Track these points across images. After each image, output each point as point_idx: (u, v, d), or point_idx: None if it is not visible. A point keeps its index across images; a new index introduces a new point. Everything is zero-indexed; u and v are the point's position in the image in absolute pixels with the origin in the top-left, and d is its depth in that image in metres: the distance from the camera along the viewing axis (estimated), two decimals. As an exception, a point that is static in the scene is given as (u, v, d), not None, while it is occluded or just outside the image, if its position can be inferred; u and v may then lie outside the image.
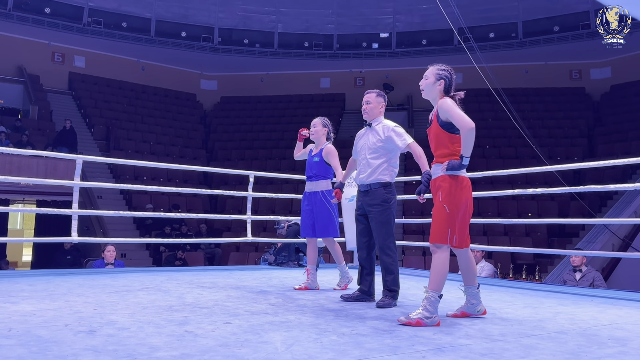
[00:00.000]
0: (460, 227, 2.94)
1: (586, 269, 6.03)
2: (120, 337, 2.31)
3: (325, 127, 4.45)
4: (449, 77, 3.11)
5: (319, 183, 4.32)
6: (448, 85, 3.10)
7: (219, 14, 18.48)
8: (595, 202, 12.41)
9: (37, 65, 16.77)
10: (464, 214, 2.96)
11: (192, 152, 16.76)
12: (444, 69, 3.13)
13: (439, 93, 3.09)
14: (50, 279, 4.33)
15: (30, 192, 12.73)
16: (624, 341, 2.50)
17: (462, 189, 2.94)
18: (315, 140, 4.47)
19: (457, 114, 2.93)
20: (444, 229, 2.89)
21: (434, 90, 3.11)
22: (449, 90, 3.10)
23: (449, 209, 2.90)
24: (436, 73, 3.11)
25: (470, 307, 3.07)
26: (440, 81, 3.09)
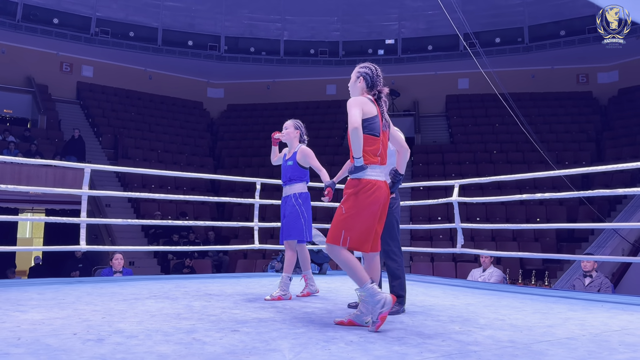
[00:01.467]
0: (359, 230, 2.86)
1: (596, 274, 5.98)
2: (128, 346, 2.31)
3: (297, 129, 4.32)
4: (369, 73, 3.07)
5: (293, 186, 4.22)
6: (370, 82, 3.06)
7: (225, 22, 18.60)
8: (604, 207, 12.32)
9: (46, 75, 16.94)
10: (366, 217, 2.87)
11: (199, 160, 16.82)
12: (365, 66, 3.12)
13: (361, 91, 3.07)
14: (59, 288, 4.34)
15: (39, 201, 12.83)
16: (635, 347, 2.47)
17: (365, 192, 2.87)
18: (287, 143, 4.35)
19: (350, 112, 2.89)
20: (338, 230, 2.87)
21: (355, 88, 3.10)
22: (373, 87, 3.05)
23: (345, 211, 2.88)
24: (357, 72, 3.11)
25: (358, 316, 2.90)
26: (360, 79, 3.08)
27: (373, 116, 2.95)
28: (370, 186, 2.89)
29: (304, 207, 4.17)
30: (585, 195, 5.27)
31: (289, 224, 4.15)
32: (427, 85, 18.82)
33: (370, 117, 2.94)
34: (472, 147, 16.29)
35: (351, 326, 2.87)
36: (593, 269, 5.98)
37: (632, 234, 10.74)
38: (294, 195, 4.19)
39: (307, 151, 4.21)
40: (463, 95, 18.69)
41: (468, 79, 18.42)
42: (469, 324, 3.03)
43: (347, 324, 2.89)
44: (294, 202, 4.17)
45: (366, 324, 2.86)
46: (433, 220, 12.67)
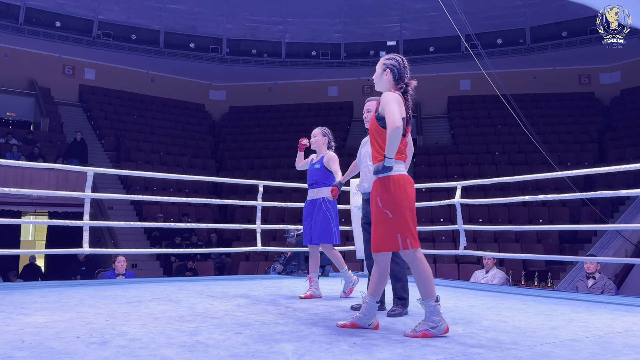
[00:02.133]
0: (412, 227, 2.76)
1: (599, 275, 5.97)
2: (132, 348, 2.32)
3: (325, 136, 4.49)
4: (396, 65, 2.91)
5: (321, 190, 4.34)
6: (397, 74, 2.91)
7: (227, 24, 18.63)
8: (607, 208, 12.29)
9: (48, 78, 16.98)
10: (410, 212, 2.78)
11: (201, 162, 16.84)
12: (392, 57, 2.95)
13: (389, 84, 2.92)
14: (62, 290, 4.35)
15: (41, 204, 12.85)
16: (639, 348, 2.46)
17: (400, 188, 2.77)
18: (316, 150, 4.53)
19: (390, 109, 2.75)
20: (393, 234, 2.73)
21: (382, 81, 2.94)
22: (400, 79, 2.92)
23: (392, 214, 2.74)
24: (382, 63, 2.94)
25: (361, 319, 2.87)
26: (387, 71, 2.92)
27: (403, 116, 2.86)
28: (404, 182, 2.80)
29: (333, 211, 4.31)
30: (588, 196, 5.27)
31: (321, 229, 4.27)
32: (429, 86, 18.78)
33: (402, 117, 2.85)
34: (475, 149, 16.27)
35: (354, 329, 2.87)
36: (596, 270, 5.97)
37: (635, 235, 10.70)
38: (323, 199, 4.32)
39: (332, 155, 4.38)
40: (465, 97, 18.67)
41: (470, 80, 18.41)
42: (472, 326, 3.03)
43: (349, 327, 2.88)
44: (324, 207, 4.30)
45: (369, 326, 2.86)
46: (435, 222, 12.65)
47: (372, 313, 2.86)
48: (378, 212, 2.80)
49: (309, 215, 4.36)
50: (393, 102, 2.78)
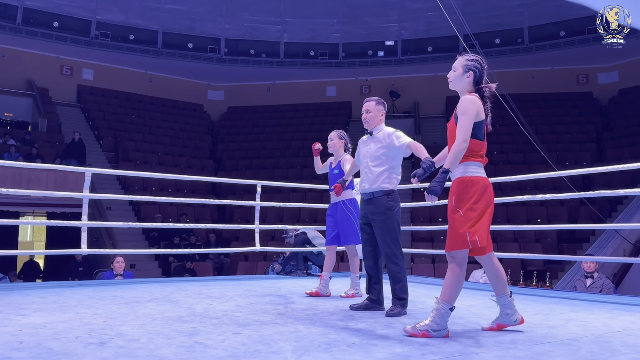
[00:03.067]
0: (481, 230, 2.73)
1: (597, 275, 5.98)
2: (130, 349, 2.31)
3: (341, 139, 4.60)
4: (479, 67, 2.86)
5: (342, 194, 4.42)
6: (478, 77, 2.86)
7: (225, 25, 18.62)
8: (605, 207, 12.31)
9: (46, 78, 16.96)
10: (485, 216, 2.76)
11: (199, 163, 16.83)
12: (473, 59, 2.88)
13: (468, 85, 2.87)
14: (60, 291, 4.35)
15: (40, 204, 12.83)
16: (637, 348, 2.47)
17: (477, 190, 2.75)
18: (334, 153, 4.62)
19: (464, 123, 2.74)
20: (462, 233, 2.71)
21: (462, 82, 2.88)
22: (479, 82, 2.86)
23: (463, 212, 2.72)
24: (464, 64, 2.87)
25: (505, 318, 2.88)
26: (469, 73, 2.85)
27: (482, 120, 2.81)
28: (484, 183, 2.79)
29: (355, 211, 4.38)
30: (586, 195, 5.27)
31: (346, 231, 4.37)
32: (427, 86, 18.80)
33: (481, 120, 2.81)
34: (473, 148, 16.25)
35: (500, 330, 2.88)
36: (595, 269, 5.98)
37: (633, 235, 10.72)
38: (343, 202, 4.42)
39: (347, 158, 4.48)
40: (463, 97, 18.66)
41: (468, 80, 18.39)
42: (470, 326, 3.03)
43: (497, 329, 2.88)
44: (345, 210, 4.39)
45: (514, 322, 2.88)
46: (434, 222, 12.67)
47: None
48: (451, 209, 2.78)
49: (333, 218, 4.47)
50: (468, 113, 2.75)
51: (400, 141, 3.62)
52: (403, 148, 3.61)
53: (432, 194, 2.75)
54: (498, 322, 2.90)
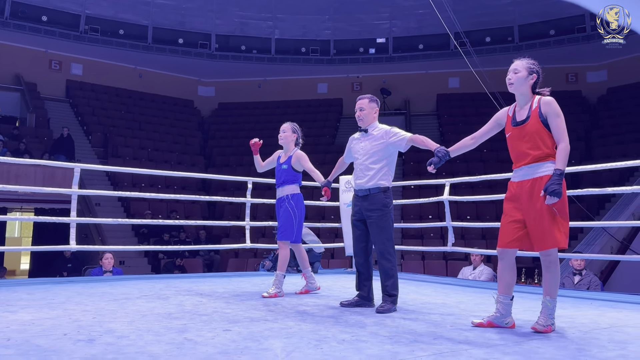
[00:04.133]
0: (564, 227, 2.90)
1: (585, 272, 6.04)
2: (119, 346, 2.30)
3: (294, 132, 4.38)
4: (539, 72, 2.99)
5: (284, 188, 4.29)
6: (538, 82, 2.99)
7: (216, 20, 18.53)
8: (593, 205, 12.41)
9: (35, 73, 16.78)
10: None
11: (190, 159, 16.75)
12: (534, 63, 3.00)
13: (529, 88, 2.97)
14: (49, 288, 4.31)
15: (28, 200, 12.71)
16: (624, 344, 2.50)
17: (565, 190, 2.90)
18: (284, 146, 4.40)
19: (563, 125, 2.87)
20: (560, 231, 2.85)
21: (525, 84, 2.96)
22: (536, 86, 2.99)
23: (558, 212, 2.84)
24: (528, 67, 2.96)
25: (498, 318, 2.94)
26: (533, 75, 2.96)
27: None
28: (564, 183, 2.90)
29: (297, 208, 4.23)
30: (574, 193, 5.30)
31: (282, 225, 4.22)
32: (418, 84, 18.85)
33: None
34: (463, 146, 16.33)
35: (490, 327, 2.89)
36: (583, 267, 6.03)
37: (620, 232, 10.83)
38: (286, 197, 4.26)
39: (301, 155, 4.29)
40: (454, 94, 18.73)
41: (459, 78, 18.48)
42: (460, 322, 3.05)
43: (486, 326, 2.92)
44: (287, 204, 4.23)
45: (506, 325, 2.91)
46: (424, 219, 12.71)
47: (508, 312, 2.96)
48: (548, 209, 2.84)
49: (278, 213, 4.33)
50: (561, 114, 2.88)
51: (399, 137, 3.62)
52: (403, 143, 3.60)
53: (555, 196, 2.78)
54: (490, 319, 2.94)
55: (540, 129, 2.88)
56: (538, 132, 2.88)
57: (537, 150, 2.88)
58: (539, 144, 2.88)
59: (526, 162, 2.90)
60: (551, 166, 2.85)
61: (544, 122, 2.87)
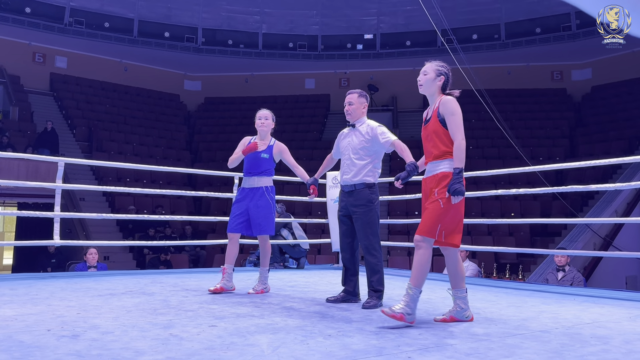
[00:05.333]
0: (450, 225, 2.93)
1: (569, 268, 6.11)
2: (104, 342, 2.29)
3: (274, 121, 4.27)
4: (447, 74, 3.10)
5: (262, 179, 4.11)
6: (446, 83, 3.09)
7: (203, 14, 18.39)
8: (577, 202, 12.57)
9: (18, 65, 16.53)
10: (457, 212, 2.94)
11: (176, 154, 16.65)
12: (443, 65, 3.12)
13: (438, 89, 3.09)
14: (32, 283, 4.26)
15: (11, 195, 12.55)
16: (606, 339, 2.53)
17: None
18: (261, 133, 4.20)
19: (458, 122, 2.96)
20: (435, 223, 2.89)
21: (433, 86, 3.09)
22: (446, 87, 3.10)
23: (443, 205, 2.88)
24: (436, 69, 3.09)
25: (459, 312, 2.99)
26: (441, 77, 3.08)
27: None
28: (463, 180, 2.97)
29: (272, 201, 4.12)
30: (558, 190, 5.37)
31: (263, 219, 4.05)
32: (405, 80, 18.85)
33: None
34: (449, 143, 16.44)
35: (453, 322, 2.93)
36: (566, 263, 6.10)
37: (603, 229, 10.98)
38: (266, 188, 4.10)
39: (283, 147, 4.22)
40: (440, 91, 18.82)
41: (445, 75, 18.54)
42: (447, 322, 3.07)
43: (449, 321, 2.95)
44: (267, 197, 4.08)
45: (466, 318, 2.96)
46: (410, 215, 12.77)
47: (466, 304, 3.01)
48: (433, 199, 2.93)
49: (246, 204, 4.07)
50: (458, 112, 2.97)
51: (384, 137, 3.62)
52: (387, 145, 3.61)
53: (458, 194, 2.87)
54: (452, 314, 3.00)
55: (438, 129, 3.01)
56: (436, 132, 3.01)
57: (436, 149, 3.01)
58: (437, 142, 3.00)
59: (429, 159, 3.06)
60: (447, 164, 2.95)
61: (441, 121, 2.99)
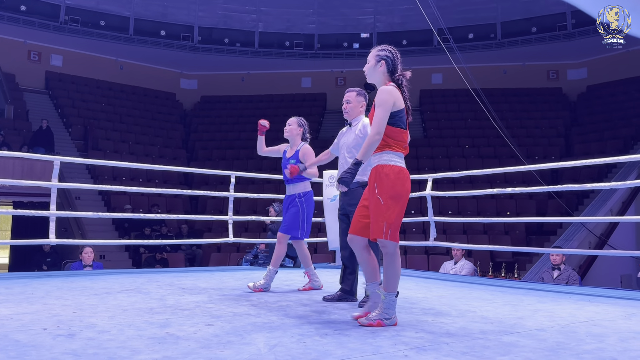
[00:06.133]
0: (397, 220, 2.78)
1: (564, 267, 6.13)
2: (100, 341, 2.28)
3: (300, 127, 4.31)
4: (390, 57, 2.88)
5: (297, 185, 4.24)
6: (392, 66, 2.88)
7: (199, 12, 18.35)
8: (572, 201, 12.61)
9: (13, 64, 16.44)
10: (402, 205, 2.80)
11: (172, 152, 16.61)
12: (384, 49, 2.91)
13: (383, 76, 2.88)
14: (28, 282, 4.25)
15: (6, 194, 12.49)
16: (601, 337, 2.54)
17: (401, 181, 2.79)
18: (289, 140, 4.34)
19: (379, 115, 2.75)
20: (380, 222, 2.74)
21: (375, 73, 2.89)
22: (395, 71, 2.88)
23: (383, 201, 2.74)
24: (376, 55, 2.89)
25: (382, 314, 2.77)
26: (381, 62, 2.87)
27: (402, 108, 2.82)
28: (404, 174, 2.83)
29: (306, 205, 4.21)
30: (554, 189, 5.39)
31: (288, 220, 4.19)
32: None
33: (399, 109, 2.81)
34: (445, 142, 16.48)
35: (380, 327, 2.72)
36: (561, 261, 6.13)
37: (598, 228, 11.03)
38: (298, 194, 4.22)
39: (308, 150, 4.23)
40: (436, 90, 18.86)
41: (441, 74, 18.59)
42: (441, 316, 3.08)
43: (376, 326, 2.71)
44: (298, 202, 4.21)
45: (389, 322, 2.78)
46: (406, 214, 12.73)
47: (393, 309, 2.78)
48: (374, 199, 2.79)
49: (285, 210, 4.30)
50: (384, 103, 2.75)
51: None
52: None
53: (342, 184, 2.77)
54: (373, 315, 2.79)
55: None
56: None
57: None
58: None
59: (374, 151, 2.85)
60: (386, 156, 2.80)
61: None
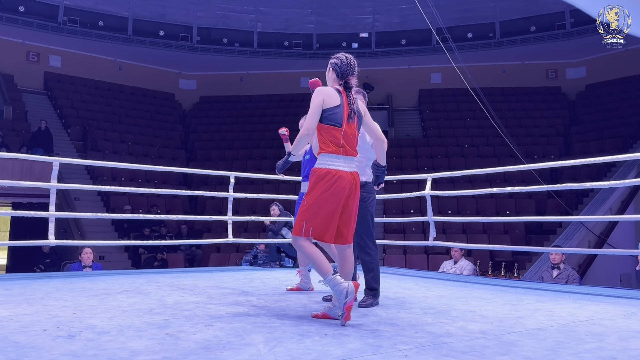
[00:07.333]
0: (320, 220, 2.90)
1: (564, 266, 6.14)
2: (100, 342, 2.28)
3: None
4: (338, 64, 3.16)
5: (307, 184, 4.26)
6: (339, 72, 3.15)
7: (198, 12, 18.33)
8: (571, 200, 12.62)
9: (11, 64, 16.43)
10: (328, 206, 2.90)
11: (171, 153, 16.61)
12: (336, 57, 3.22)
13: (332, 82, 3.18)
14: (27, 283, 4.25)
15: (5, 194, 12.49)
16: (601, 336, 2.54)
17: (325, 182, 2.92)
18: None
19: (309, 113, 3.02)
20: (301, 221, 2.93)
21: (328, 79, 3.23)
22: (342, 76, 3.14)
23: (306, 201, 2.95)
24: (329, 64, 3.22)
25: (331, 310, 2.88)
26: (330, 70, 3.20)
27: (335, 106, 3.00)
28: (330, 176, 2.92)
29: None
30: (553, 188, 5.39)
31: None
32: (400, 79, 18.92)
33: (331, 107, 3.00)
34: (444, 141, 16.49)
35: (325, 319, 2.88)
36: (561, 261, 6.13)
37: (598, 227, 11.04)
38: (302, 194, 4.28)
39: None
40: (436, 90, 18.86)
41: (440, 74, 18.59)
42: (441, 316, 3.08)
43: (321, 317, 2.92)
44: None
45: (338, 317, 2.83)
46: (406, 213, 12.79)
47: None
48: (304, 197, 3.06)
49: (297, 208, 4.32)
50: (312, 103, 3.02)
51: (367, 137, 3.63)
52: (370, 143, 3.62)
53: (276, 169, 3.31)
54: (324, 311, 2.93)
55: None
56: None
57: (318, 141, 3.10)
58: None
59: None
60: (320, 159, 3.01)
61: None
